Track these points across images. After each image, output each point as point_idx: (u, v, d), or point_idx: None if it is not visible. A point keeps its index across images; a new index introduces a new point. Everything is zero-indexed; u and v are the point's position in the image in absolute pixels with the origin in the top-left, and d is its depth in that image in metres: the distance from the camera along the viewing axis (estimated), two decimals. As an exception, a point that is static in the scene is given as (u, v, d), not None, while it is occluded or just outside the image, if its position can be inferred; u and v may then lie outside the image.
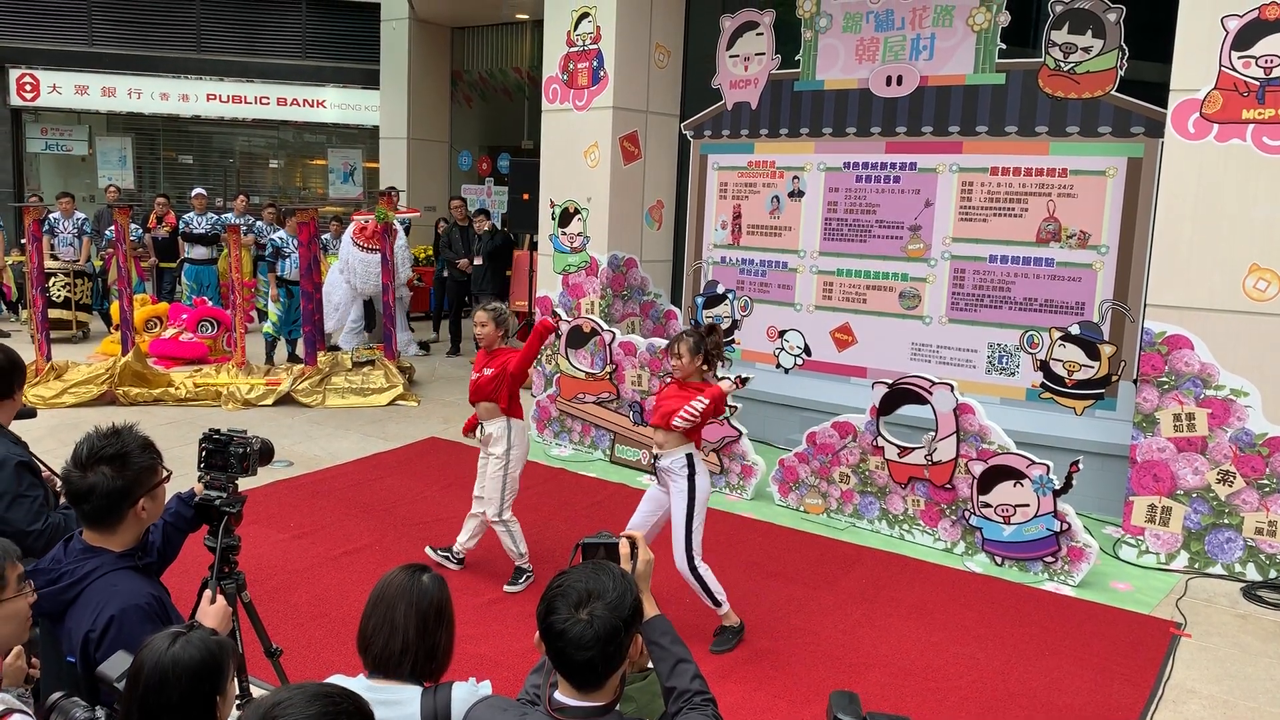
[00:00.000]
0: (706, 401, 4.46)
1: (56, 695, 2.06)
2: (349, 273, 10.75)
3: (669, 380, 4.88)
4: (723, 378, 4.77)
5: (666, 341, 7.31)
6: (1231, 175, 5.44)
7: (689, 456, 4.56)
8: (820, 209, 7.65)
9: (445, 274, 11.59)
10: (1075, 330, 6.51)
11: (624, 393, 7.45)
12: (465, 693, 2.15)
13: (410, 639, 2.16)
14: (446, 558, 5.38)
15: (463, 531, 5.41)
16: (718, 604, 4.60)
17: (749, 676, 4.37)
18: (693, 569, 4.54)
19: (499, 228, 11.31)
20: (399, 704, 2.11)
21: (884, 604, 5.17)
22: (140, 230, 12.19)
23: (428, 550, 5.42)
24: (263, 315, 12.00)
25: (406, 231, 12.24)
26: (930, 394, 5.78)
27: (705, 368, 4.65)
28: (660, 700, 2.20)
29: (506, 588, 5.19)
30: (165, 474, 2.52)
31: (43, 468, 3.24)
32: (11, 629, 2.16)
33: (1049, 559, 5.52)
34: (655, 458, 4.68)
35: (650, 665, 2.15)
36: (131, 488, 2.40)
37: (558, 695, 1.95)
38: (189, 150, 16.03)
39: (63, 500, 3.13)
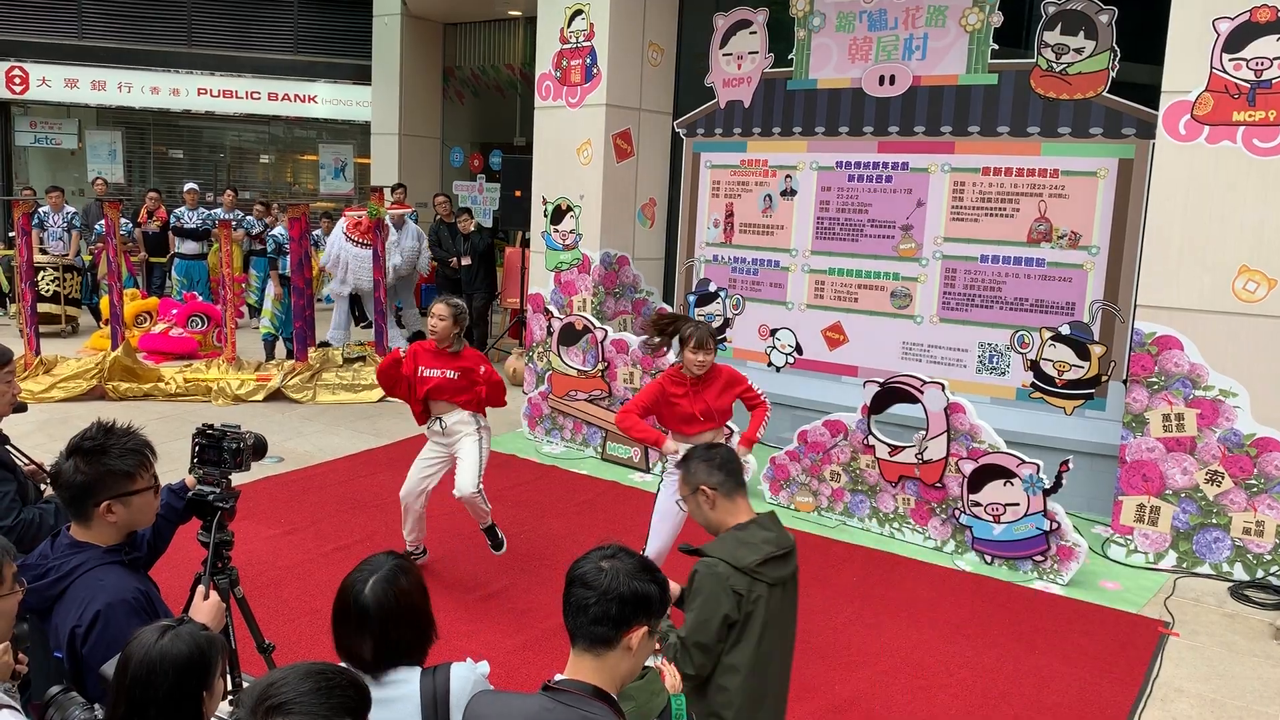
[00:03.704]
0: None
1: (55, 690, 2.05)
2: (340, 268, 10.71)
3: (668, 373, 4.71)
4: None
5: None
6: (1222, 177, 5.46)
7: None
8: (812, 208, 7.65)
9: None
10: (1065, 330, 6.53)
11: (616, 390, 7.44)
12: (465, 670, 2.17)
13: (355, 639, 2.17)
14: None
15: (409, 529, 5.29)
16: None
17: (739, 674, 4.38)
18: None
19: (483, 227, 11.28)
20: (397, 684, 2.13)
21: (874, 602, 5.18)
22: (130, 225, 12.14)
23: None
24: (253, 311, 11.95)
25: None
26: (921, 393, 5.80)
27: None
28: (659, 699, 2.21)
29: (496, 551, 5.33)
30: (148, 484, 2.46)
31: (26, 461, 3.22)
32: (2, 626, 2.16)
33: (1038, 558, 5.54)
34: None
35: (650, 664, 2.17)
36: (93, 486, 2.36)
37: (559, 675, 1.97)
38: (179, 145, 15.95)
39: (47, 493, 3.12)
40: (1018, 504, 5.55)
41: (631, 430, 4.55)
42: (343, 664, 2.07)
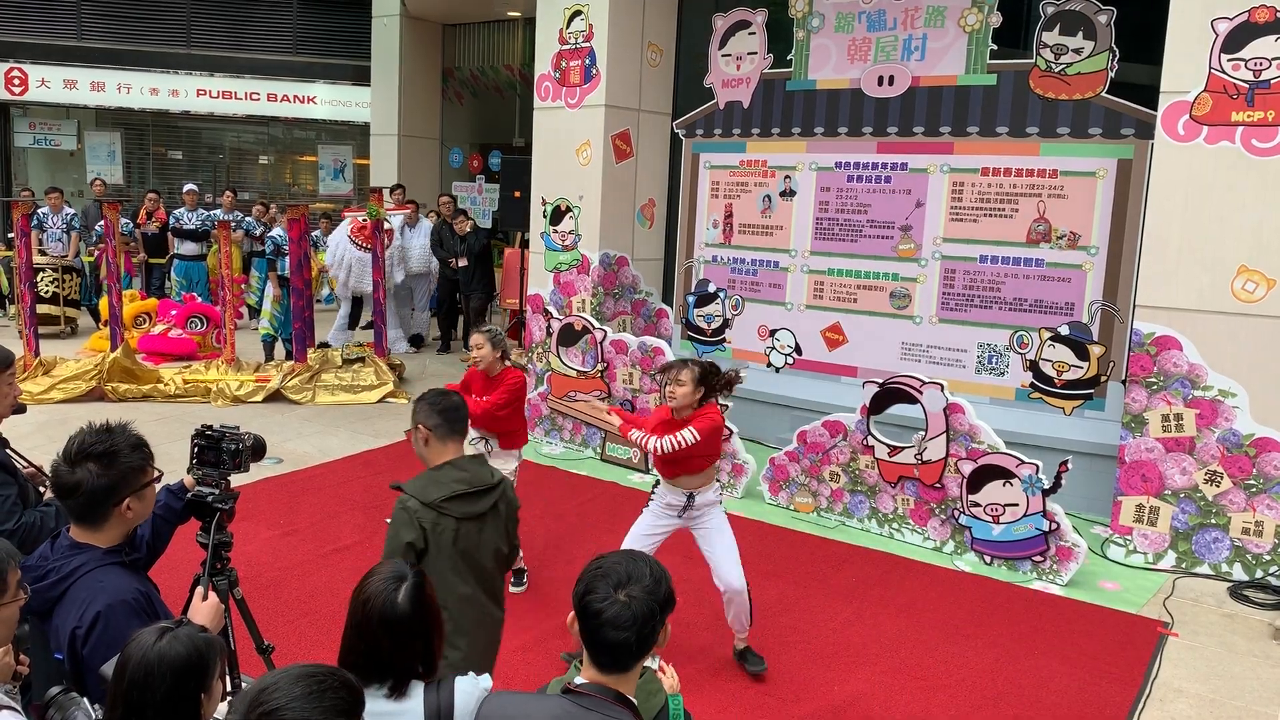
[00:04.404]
0: (697, 436, 4.13)
1: (55, 691, 2.05)
2: (343, 270, 10.74)
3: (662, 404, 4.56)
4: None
5: (656, 340, 7.33)
6: (1220, 177, 5.47)
7: (716, 480, 4.44)
8: (811, 208, 7.66)
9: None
10: (1064, 331, 6.53)
11: (615, 391, 7.45)
12: (469, 685, 2.16)
13: (353, 648, 2.16)
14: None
15: None
16: (750, 624, 4.44)
17: (739, 674, 4.38)
18: (747, 589, 4.39)
19: (480, 228, 11.30)
20: (401, 698, 2.12)
21: (873, 603, 5.18)
22: (131, 225, 12.15)
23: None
24: (253, 312, 11.96)
25: None
26: (920, 393, 5.80)
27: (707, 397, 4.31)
28: (656, 698, 2.21)
29: (514, 589, 5.10)
30: (155, 475, 2.51)
31: (25, 464, 3.22)
32: (4, 631, 2.16)
33: (1038, 558, 5.54)
34: (690, 496, 4.32)
35: (648, 665, 2.17)
36: (116, 486, 2.39)
37: (578, 679, 1.99)
38: (178, 146, 15.95)
39: (46, 496, 3.12)
40: (1017, 504, 5.55)
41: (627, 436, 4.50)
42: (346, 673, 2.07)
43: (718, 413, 4.31)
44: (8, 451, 3.09)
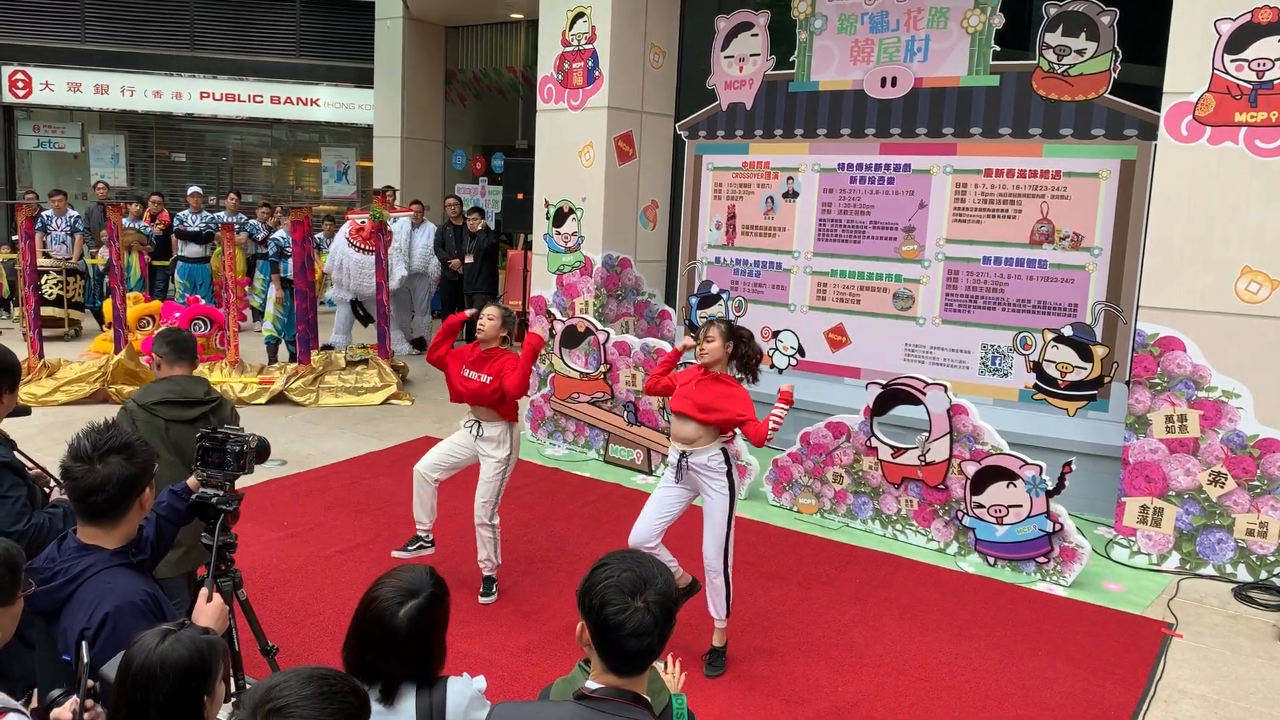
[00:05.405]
0: (786, 408, 4.40)
1: (56, 693, 2.06)
2: (343, 274, 10.74)
3: (688, 365, 4.63)
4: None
5: (659, 342, 7.33)
6: (1224, 178, 5.46)
7: (725, 450, 4.37)
8: (814, 210, 7.66)
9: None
10: (1068, 332, 6.53)
11: (618, 392, 7.45)
12: (462, 686, 2.16)
13: (355, 653, 2.16)
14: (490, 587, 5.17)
15: (420, 511, 5.21)
16: (727, 614, 4.42)
17: (743, 676, 4.38)
18: (726, 570, 4.37)
19: (490, 227, 11.31)
20: (391, 703, 2.12)
21: (877, 604, 5.18)
22: (148, 227, 12.19)
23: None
24: (257, 314, 11.98)
25: None
26: (924, 395, 5.80)
27: (733, 361, 4.45)
28: (660, 697, 2.21)
29: (482, 599, 4.99)
30: (155, 465, 2.56)
31: (32, 465, 3.23)
32: (13, 625, 2.18)
33: (1041, 559, 5.54)
34: (683, 454, 4.37)
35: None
36: (141, 475, 2.44)
37: (589, 683, 1.97)
38: (182, 148, 15.97)
39: (54, 496, 3.13)
40: (1021, 505, 5.55)
41: (655, 387, 4.74)
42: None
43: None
44: (15, 454, 3.10)
